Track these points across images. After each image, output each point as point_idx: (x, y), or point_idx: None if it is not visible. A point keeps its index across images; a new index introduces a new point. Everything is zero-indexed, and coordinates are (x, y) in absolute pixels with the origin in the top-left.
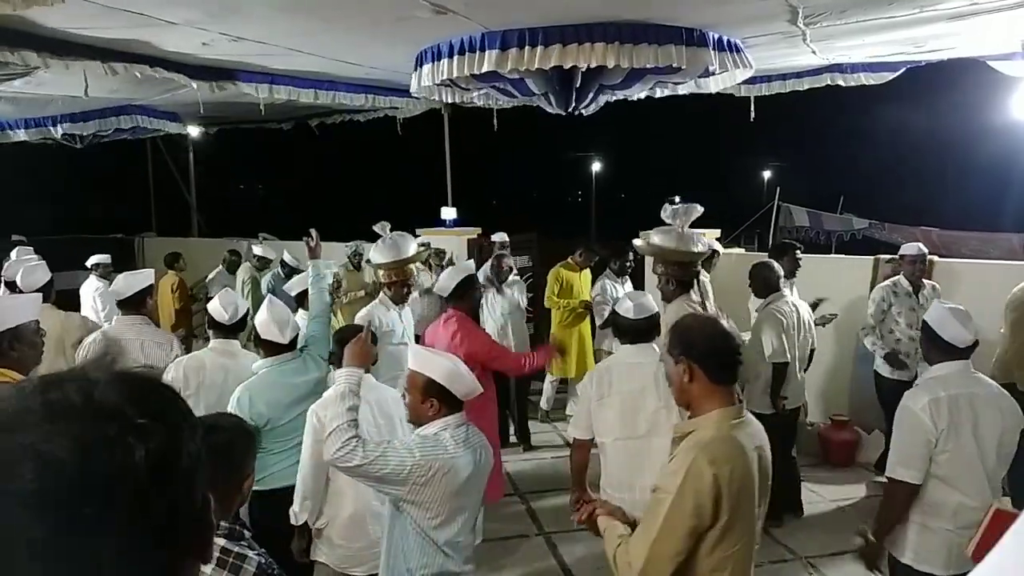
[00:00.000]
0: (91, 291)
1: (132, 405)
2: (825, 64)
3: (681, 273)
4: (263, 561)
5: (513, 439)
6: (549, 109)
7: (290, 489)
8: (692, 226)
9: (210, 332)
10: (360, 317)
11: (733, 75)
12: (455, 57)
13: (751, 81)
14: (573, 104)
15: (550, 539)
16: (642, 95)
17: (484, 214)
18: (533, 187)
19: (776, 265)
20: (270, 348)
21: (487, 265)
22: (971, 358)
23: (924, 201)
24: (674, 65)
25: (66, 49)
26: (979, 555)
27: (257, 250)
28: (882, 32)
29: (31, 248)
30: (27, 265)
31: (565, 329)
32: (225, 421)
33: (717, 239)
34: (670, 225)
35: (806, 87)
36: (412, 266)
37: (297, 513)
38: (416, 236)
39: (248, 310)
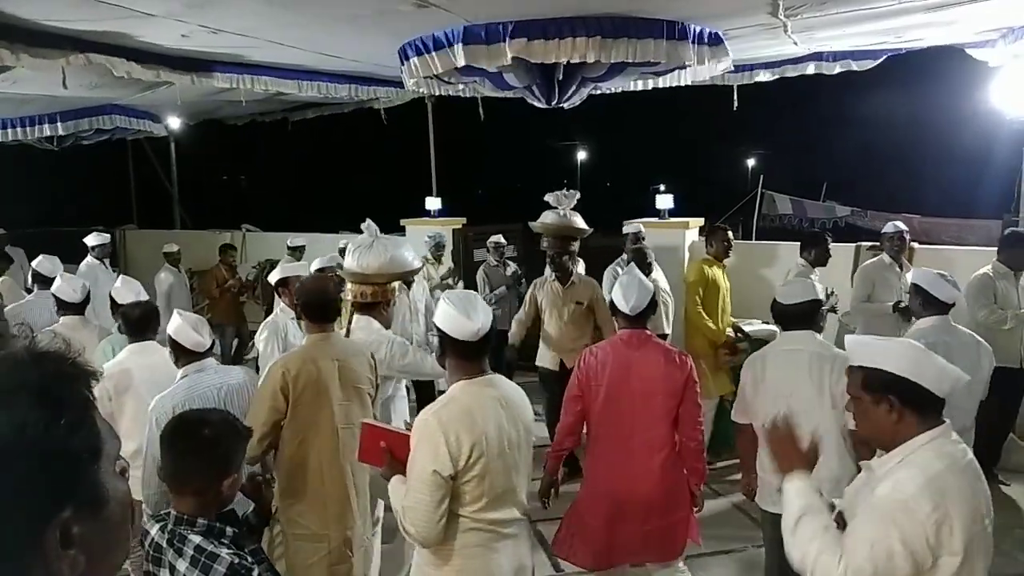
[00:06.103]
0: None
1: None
2: (807, 53)
3: (564, 248)
4: (235, 561)
5: None
6: (533, 102)
7: None
8: (676, 215)
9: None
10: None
11: (714, 67)
12: (437, 52)
13: (734, 70)
14: (556, 98)
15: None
16: (628, 87)
17: (469, 204)
18: (518, 176)
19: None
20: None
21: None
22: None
23: (905, 188)
24: (652, 60)
25: (42, 41)
26: (360, 458)
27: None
28: (862, 23)
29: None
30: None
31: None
32: (212, 417)
33: (700, 227)
34: (556, 208)
35: (789, 75)
36: (394, 284)
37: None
38: (400, 227)
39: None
